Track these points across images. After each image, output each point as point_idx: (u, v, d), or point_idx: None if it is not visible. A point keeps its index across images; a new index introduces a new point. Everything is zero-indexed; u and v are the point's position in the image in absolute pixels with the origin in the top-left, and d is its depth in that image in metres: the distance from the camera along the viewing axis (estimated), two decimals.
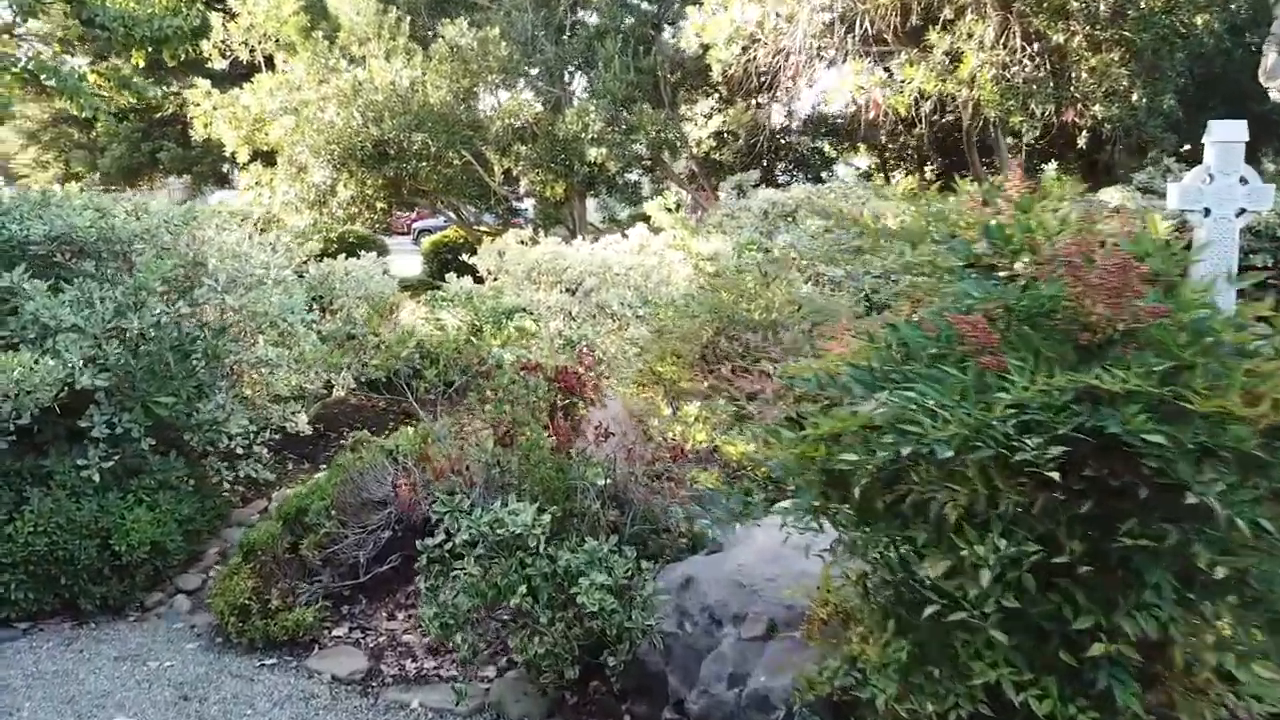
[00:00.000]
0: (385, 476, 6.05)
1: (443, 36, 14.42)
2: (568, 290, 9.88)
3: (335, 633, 5.63)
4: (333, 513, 6.04)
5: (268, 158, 15.85)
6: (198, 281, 6.55)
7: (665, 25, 17.71)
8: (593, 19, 17.02)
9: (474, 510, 4.82)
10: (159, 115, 21.61)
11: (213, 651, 5.48)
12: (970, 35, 10.46)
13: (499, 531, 4.59)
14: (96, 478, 5.76)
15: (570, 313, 9.63)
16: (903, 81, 10.98)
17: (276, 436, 7.69)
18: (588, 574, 4.46)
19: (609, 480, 5.28)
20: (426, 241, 23.07)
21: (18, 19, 11.61)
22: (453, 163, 14.95)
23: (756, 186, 13.54)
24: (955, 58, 10.92)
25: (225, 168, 21.79)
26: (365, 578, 5.88)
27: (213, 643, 5.58)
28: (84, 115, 11.91)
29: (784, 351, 5.53)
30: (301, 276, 9.67)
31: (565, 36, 16.53)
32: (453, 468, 4.94)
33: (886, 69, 11.29)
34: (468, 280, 9.80)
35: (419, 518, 5.45)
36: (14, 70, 11.66)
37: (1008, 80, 10.63)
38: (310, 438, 8.95)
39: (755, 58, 12.70)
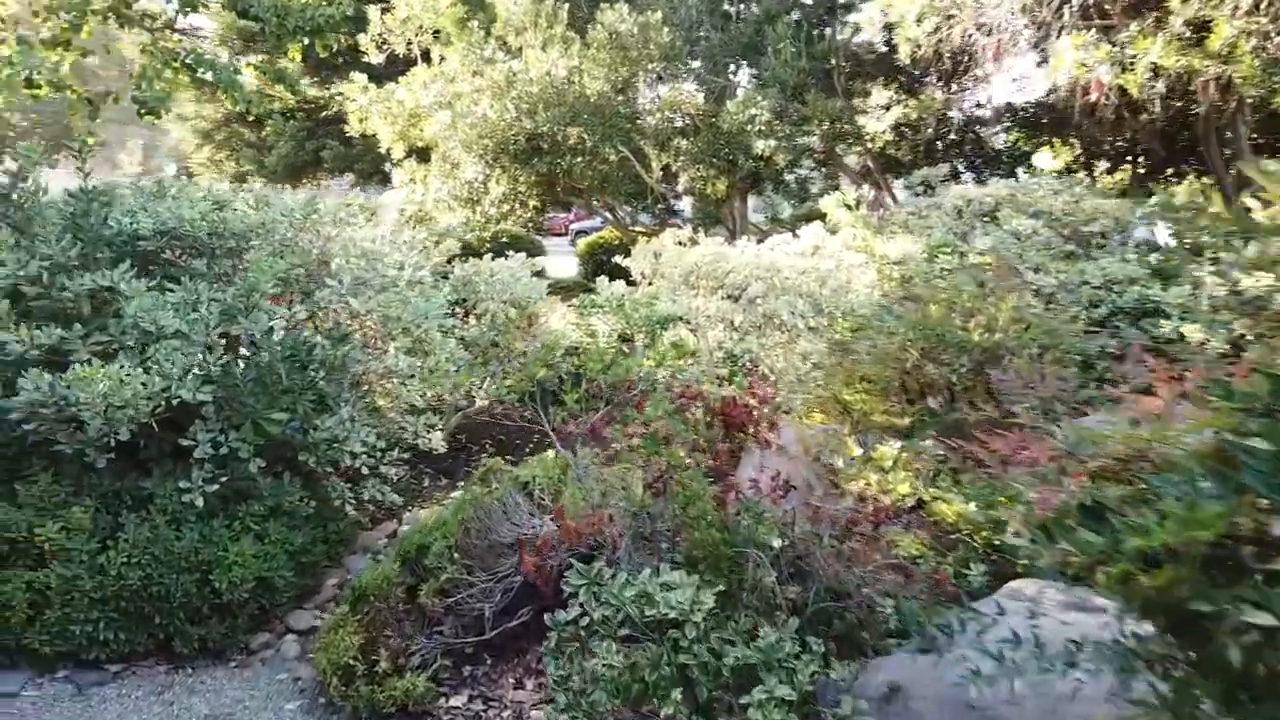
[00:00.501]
0: (518, 515, 5.21)
1: (601, 23, 13.66)
2: (729, 297, 8.86)
3: (452, 702, 4.80)
4: (456, 555, 5.24)
5: (422, 154, 15.57)
6: (320, 283, 5.90)
7: (840, 8, 16.39)
8: (761, 2, 15.91)
9: (616, 576, 3.87)
10: (324, 114, 22.00)
11: (314, 715, 4.75)
12: (1222, 0, 8.77)
13: (648, 612, 3.61)
14: (199, 503, 5.16)
15: (732, 322, 8.61)
16: (1133, 56, 9.37)
17: (405, 456, 7.03)
18: (763, 679, 3.42)
19: (786, 541, 4.23)
20: (582, 243, 22.60)
21: (179, 13, 11.58)
22: (608, 158, 14.18)
23: (945, 182, 12.11)
24: (1201, 27, 9.23)
25: (386, 166, 21.93)
26: (491, 634, 5.03)
27: (315, 703, 4.86)
28: (239, 109, 11.77)
29: (1020, 386, 4.30)
30: (445, 278, 9.07)
31: (731, 22, 15.50)
32: (592, 523, 4.00)
33: (1112, 43, 9.70)
34: (620, 284, 8.94)
35: (555, 567, 4.57)
36: (174, 65, 11.63)
37: (1269, 53, 8.86)
38: (449, 451, 8.32)
39: (949, 36, 11.28)
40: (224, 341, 5.21)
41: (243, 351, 5.30)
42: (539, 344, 7.55)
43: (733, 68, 15.54)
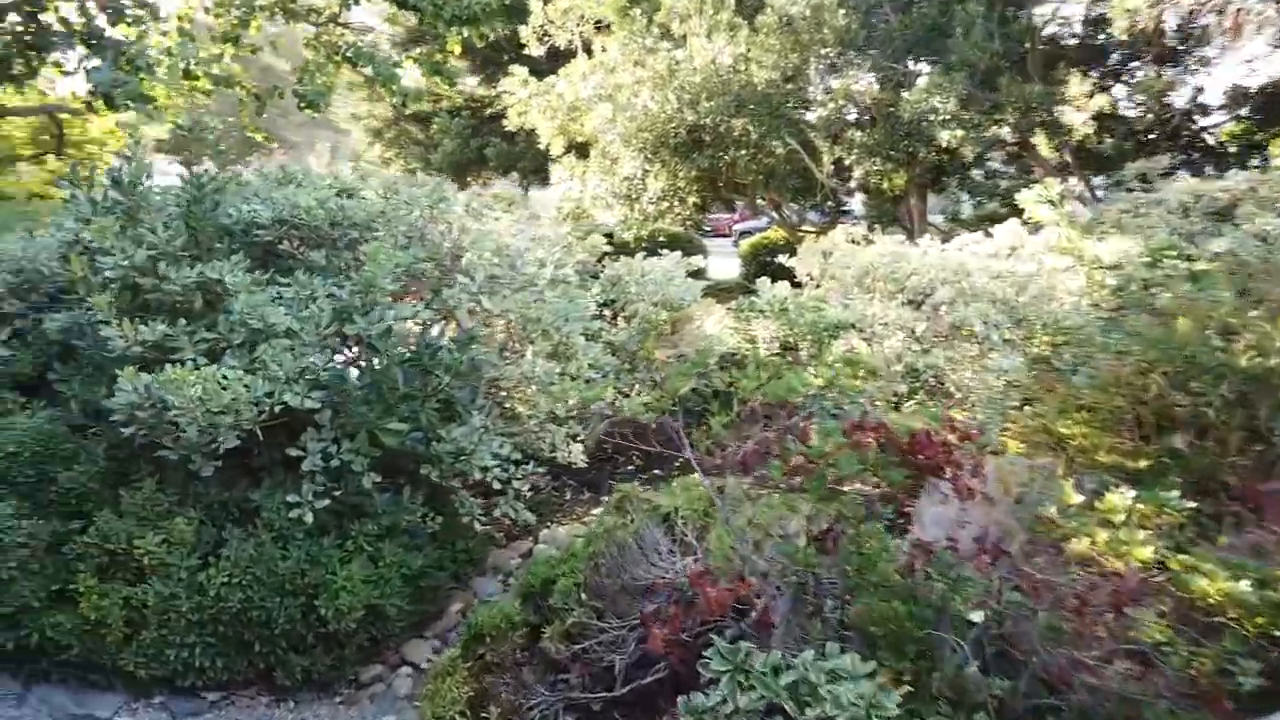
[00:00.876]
0: (656, 553, 4.48)
1: (771, 6, 12.79)
2: (910, 302, 7.84)
3: None
4: (585, 595, 4.56)
5: (581, 150, 15.14)
6: (449, 279, 5.36)
7: None
8: None
9: (768, 654, 3.06)
10: (489, 112, 22.06)
11: None
12: None
13: (809, 712, 2.79)
14: (308, 519, 4.69)
15: (913, 331, 7.59)
16: None
17: (542, 470, 6.44)
18: None
19: (990, 614, 3.34)
20: (746, 243, 21.79)
21: (342, 6, 11.56)
22: (774, 151, 13.29)
23: (1164, 176, 10.57)
24: None
25: (548, 164, 21.81)
26: (622, 690, 4.32)
27: None
28: (395, 102, 11.65)
29: None
30: (594, 278, 8.47)
31: (913, 3, 14.28)
32: (739, 588, 3.21)
33: None
34: (783, 286, 8.07)
35: (695, 630, 3.81)
36: (335, 59, 11.60)
37: None
38: (593, 461, 7.70)
39: (1175, 6, 9.80)
40: (339, 342, 4.73)
41: (357, 353, 4.82)
42: (688, 351, 6.82)
43: (913, 54, 14.31)
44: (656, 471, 8.38)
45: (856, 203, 19.41)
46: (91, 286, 4.41)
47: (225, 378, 4.10)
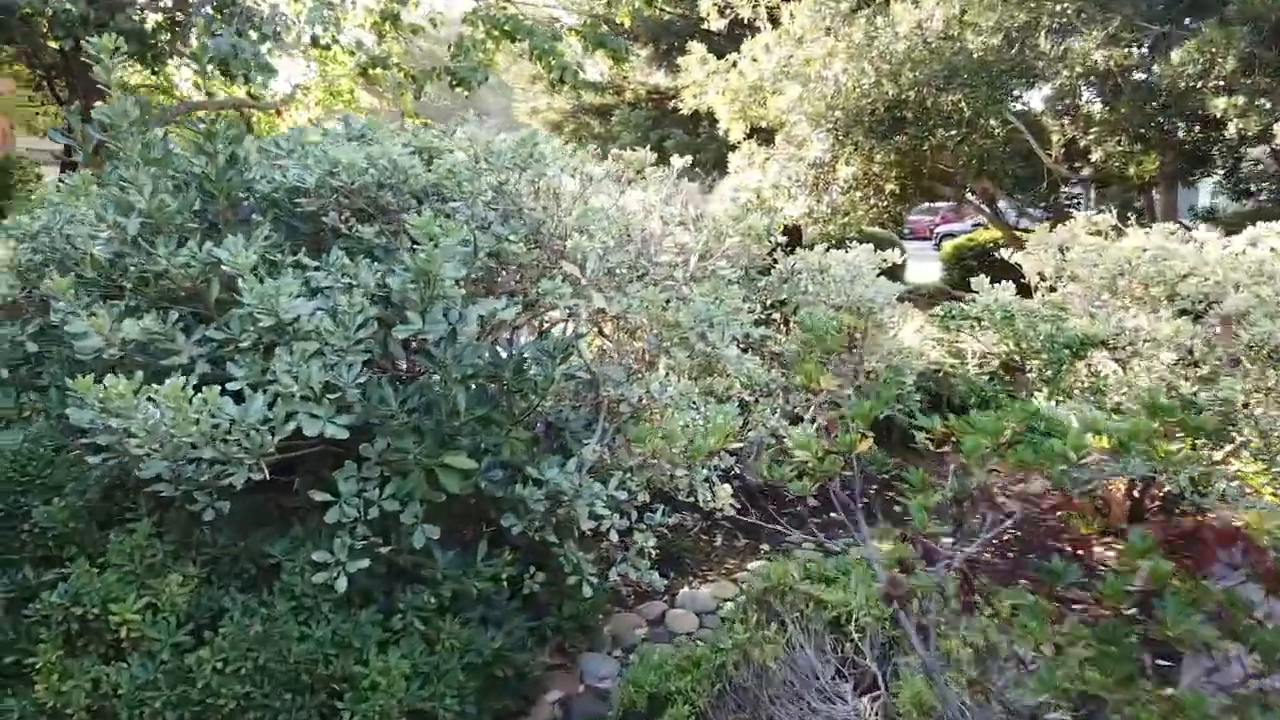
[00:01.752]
0: (815, 688, 2.94)
1: None
2: (1185, 313, 5.87)
3: None
4: None
5: (763, 136, 13.62)
6: (551, 268, 4.03)
7: None
8: None
9: None
10: (671, 104, 20.91)
11: None
12: None
13: None
14: (341, 584, 3.45)
15: (1190, 351, 5.63)
16: None
17: (672, 520, 5.00)
18: None
19: None
20: (948, 245, 19.65)
21: None
22: (991, 131, 11.27)
23: None
24: None
25: (730, 156, 20.46)
26: None
27: None
28: (553, 78, 10.57)
29: None
30: (765, 273, 6.96)
31: None
32: None
33: None
34: (1007, 288, 6.27)
35: None
36: (494, 33, 10.63)
37: None
38: (749, 496, 6.20)
39: None
40: (384, 349, 3.48)
41: (404, 364, 3.55)
42: (877, 366, 5.25)
43: (1173, 11, 11.84)
44: (832, 515, 6.78)
45: (1088, 196, 16.90)
46: (66, 267, 3.40)
47: (201, 395, 2.89)
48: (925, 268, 19.58)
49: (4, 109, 17.49)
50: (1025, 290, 6.78)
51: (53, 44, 8.15)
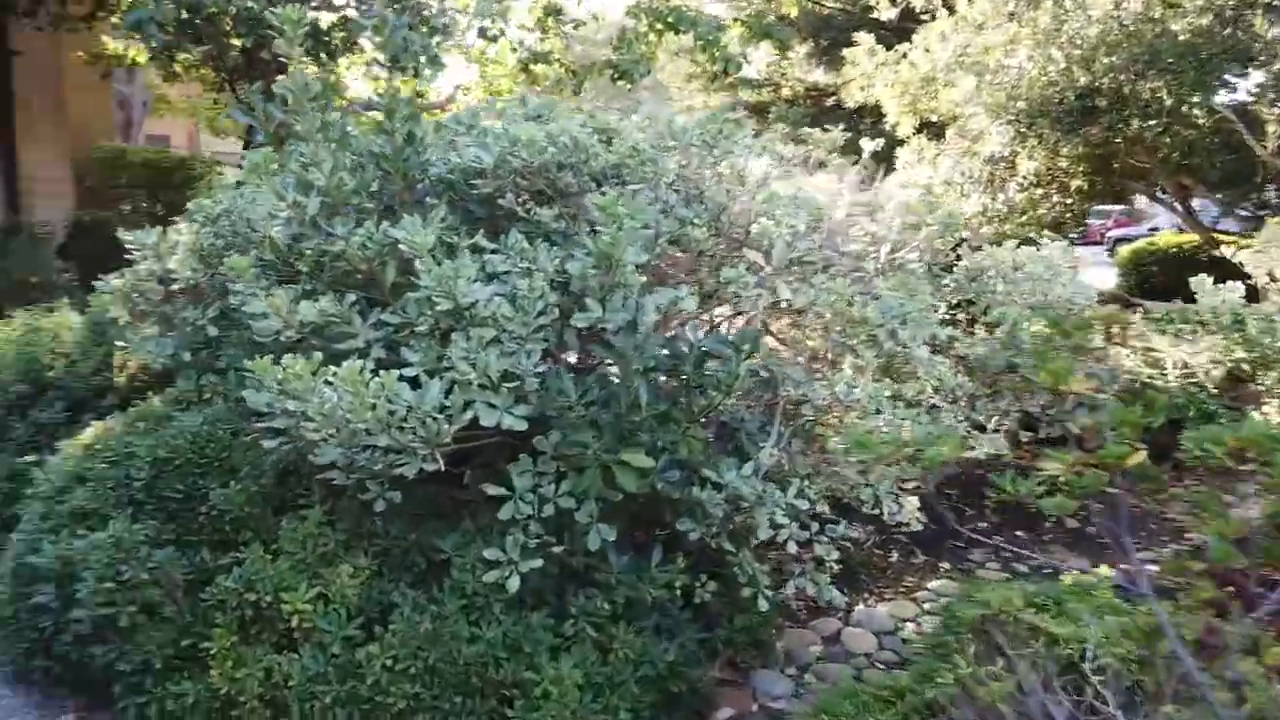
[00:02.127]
0: None
1: None
2: None
3: None
4: None
5: (934, 130, 12.97)
6: (732, 255, 3.77)
7: None
8: None
9: None
10: (830, 101, 20.34)
11: None
12: None
13: None
14: (513, 584, 3.29)
15: None
16: None
17: (855, 535, 4.66)
18: None
19: None
20: (1125, 250, 18.37)
21: None
22: (1195, 121, 10.31)
23: None
24: None
25: (893, 151, 19.68)
26: None
27: None
28: (717, 69, 10.33)
29: None
30: (948, 270, 6.49)
31: None
32: None
33: None
34: (1235, 290, 5.58)
35: None
36: (656, 25, 10.49)
37: None
38: (929, 510, 5.76)
39: None
40: (561, 337, 3.30)
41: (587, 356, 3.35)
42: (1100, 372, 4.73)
43: None
44: (1019, 533, 6.26)
45: None
46: (245, 250, 3.38)
47: (378, 379, 2.77)
48: (1098, 274, 18.37)
49: (191, 111, 18.66)
50: (1254, 294, 6.05)
51: (236, 42, 8.47)
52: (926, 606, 5.17)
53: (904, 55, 12.54)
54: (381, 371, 2.86)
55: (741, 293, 3.62)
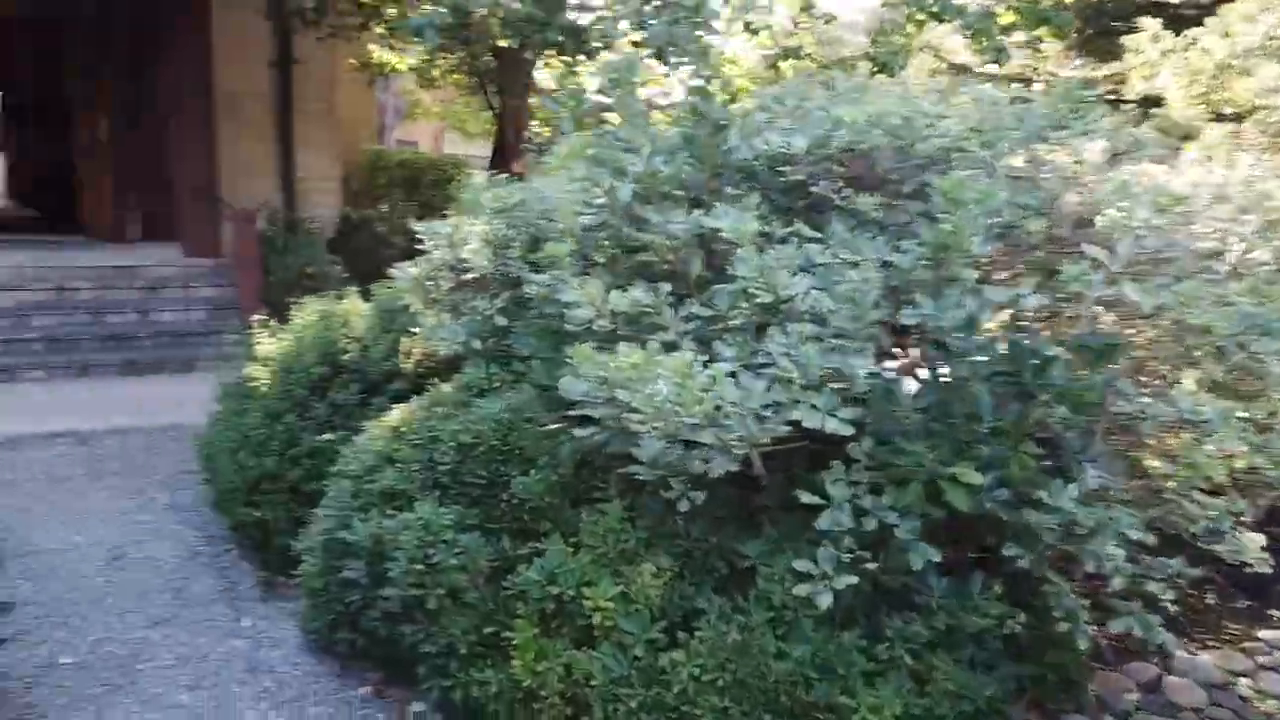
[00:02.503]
0: None
1: None
2: None
3: None
4: None
5: (1229, 123, 11.70)
6: (1068, 250, 3.40)
7: None
8: None
9: None
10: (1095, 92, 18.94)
11: None
12: None
13: None
14: (824, 601, 3.07)
15: None
16: None
17: (1194, 572, 4.11)
18: None
19: None
20: None
21: None
22: None
23: None
24: None
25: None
26: None
27: None
28: (987, 61, 9.72)
29: None
30: None
31: None
32: None
33: None
34: None
35: None
36: (919, 14, 10.02)
37: None
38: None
39: None
40: (883, 336, 3.06)
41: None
42: None
43: None
44: None
45: None
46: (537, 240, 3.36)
47: (708, 372, 2.64)
48: None
49: (443, 115, 19.77)
50: None
51: (502, 43, 8.77)
52: (1261, 660, 4.55)
53: (1193, 41, 11.37)
54: (708, 364, 2.72)
55: (1086, 291, 3.25)
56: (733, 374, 2.97)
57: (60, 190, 20.37)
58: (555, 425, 3.53)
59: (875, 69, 9.60)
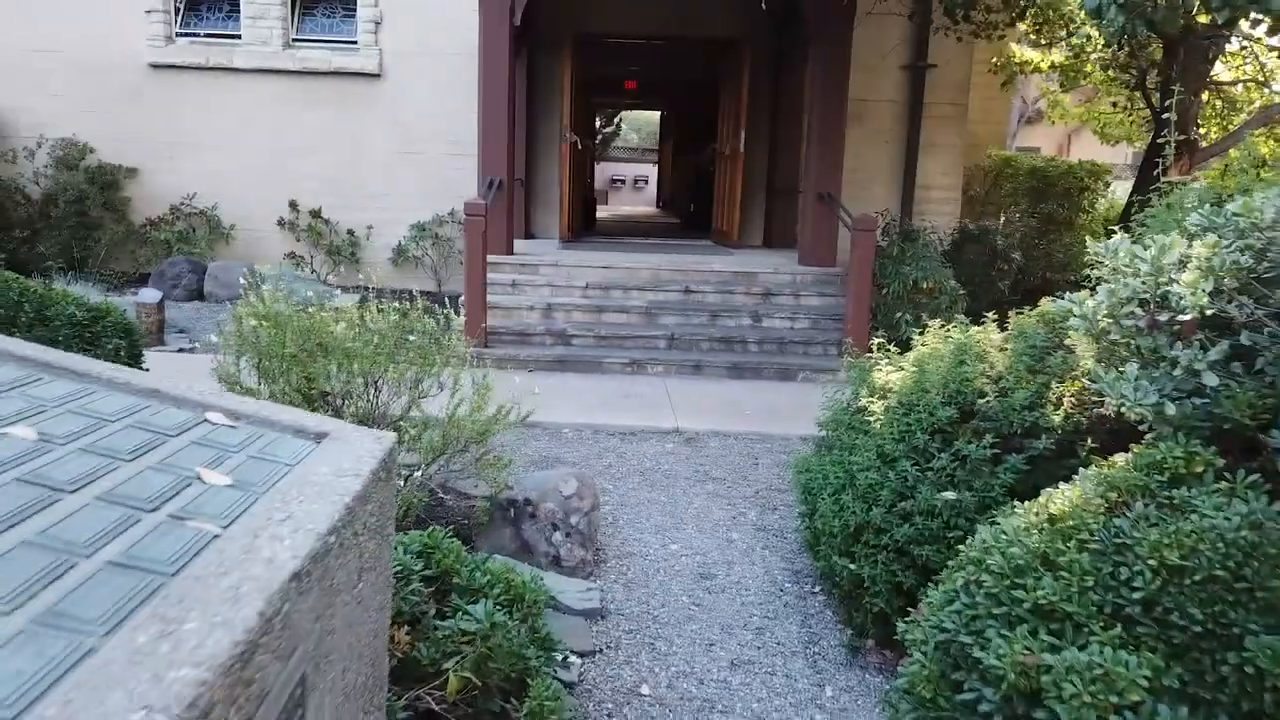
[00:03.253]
0: None
1: None
2: None
3: None
4: None
5: None
6: None
7: None
8: None
9: None
10: None
11: None
12: None
13: None
14: None
15: None
16: None
17: None
18: None
19: None
20: None
21: None
22: None
23: None
24: None
25: None
26: None
27: None
28: None
29: None
30: None
31: None
32: None
33: None
34: None
35: None
36: None
37: None
38: None
39: None
40: None
41: None
42: None
43: None
44: None
45: None
46: None
47: None
48: None
49: (1084, 118, 17.81)
50: None
51: (1202, 19, 7.11)
52: None
53: None
54: None
55: None
56: None
57: (696, 197, 22.51)
58: None
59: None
